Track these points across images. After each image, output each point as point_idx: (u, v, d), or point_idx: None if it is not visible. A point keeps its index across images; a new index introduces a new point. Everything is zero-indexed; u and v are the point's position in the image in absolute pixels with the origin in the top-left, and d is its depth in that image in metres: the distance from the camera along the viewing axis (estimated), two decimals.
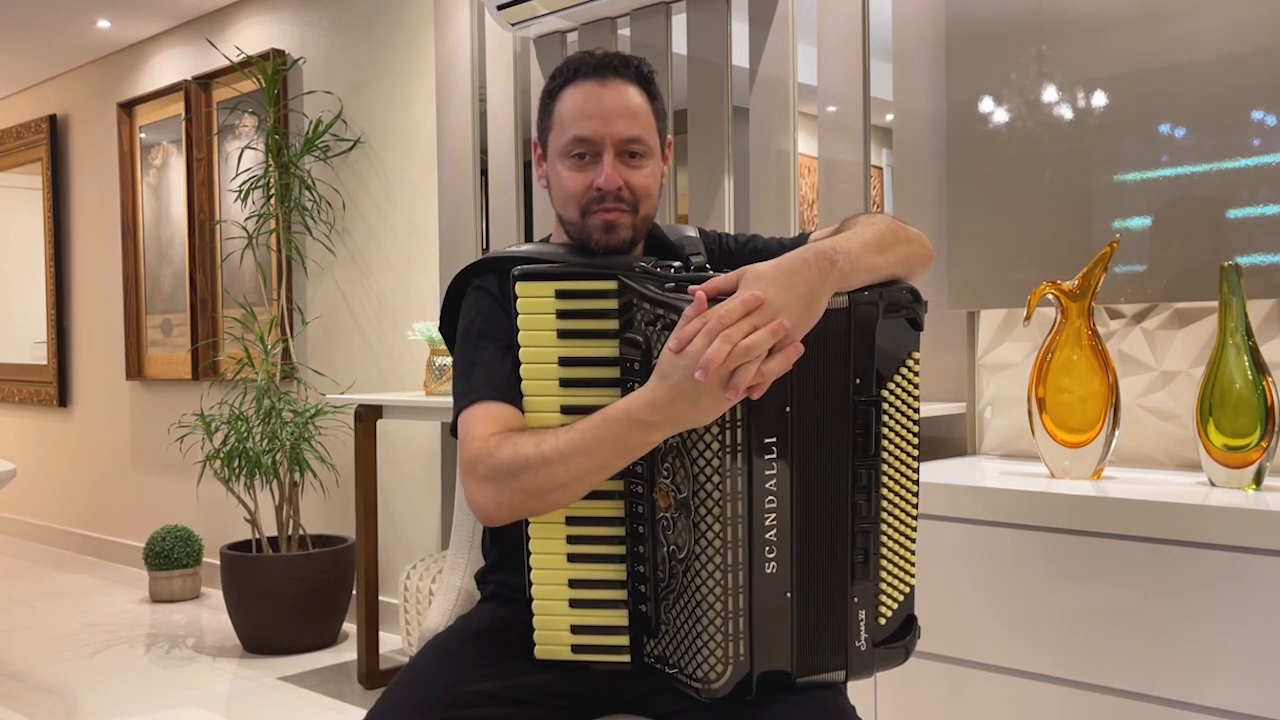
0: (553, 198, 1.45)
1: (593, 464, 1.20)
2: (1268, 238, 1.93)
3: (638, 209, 1.40)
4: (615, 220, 1.39)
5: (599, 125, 1.37)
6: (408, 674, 1.38)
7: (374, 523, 3.41)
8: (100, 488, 5.59)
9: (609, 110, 1.37)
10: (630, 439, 1.19)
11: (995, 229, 2.27)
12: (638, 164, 1.40)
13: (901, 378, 1.24)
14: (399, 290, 3.91)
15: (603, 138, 1.37)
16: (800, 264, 1.17)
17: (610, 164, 1.37)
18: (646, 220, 1.43)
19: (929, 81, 2.44)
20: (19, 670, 3.65)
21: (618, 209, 1.39)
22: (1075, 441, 1.88)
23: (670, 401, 1.15)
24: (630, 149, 1.39)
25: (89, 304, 5.63)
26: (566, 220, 1.43)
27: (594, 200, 1.38)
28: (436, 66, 3.68)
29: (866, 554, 1.24)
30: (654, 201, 1.43)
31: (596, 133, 1.37)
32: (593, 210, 1.39)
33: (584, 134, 1.38)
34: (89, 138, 5.58)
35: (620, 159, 1.38)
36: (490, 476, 1.25)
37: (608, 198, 1.38)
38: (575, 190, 1.39)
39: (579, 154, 1.39)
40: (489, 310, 1.41)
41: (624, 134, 1.38)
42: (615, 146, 1.38)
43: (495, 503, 1.26)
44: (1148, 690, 1.63)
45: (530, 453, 1.22)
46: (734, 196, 2.90)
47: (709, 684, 1.20)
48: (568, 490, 1.23)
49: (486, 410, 1.31)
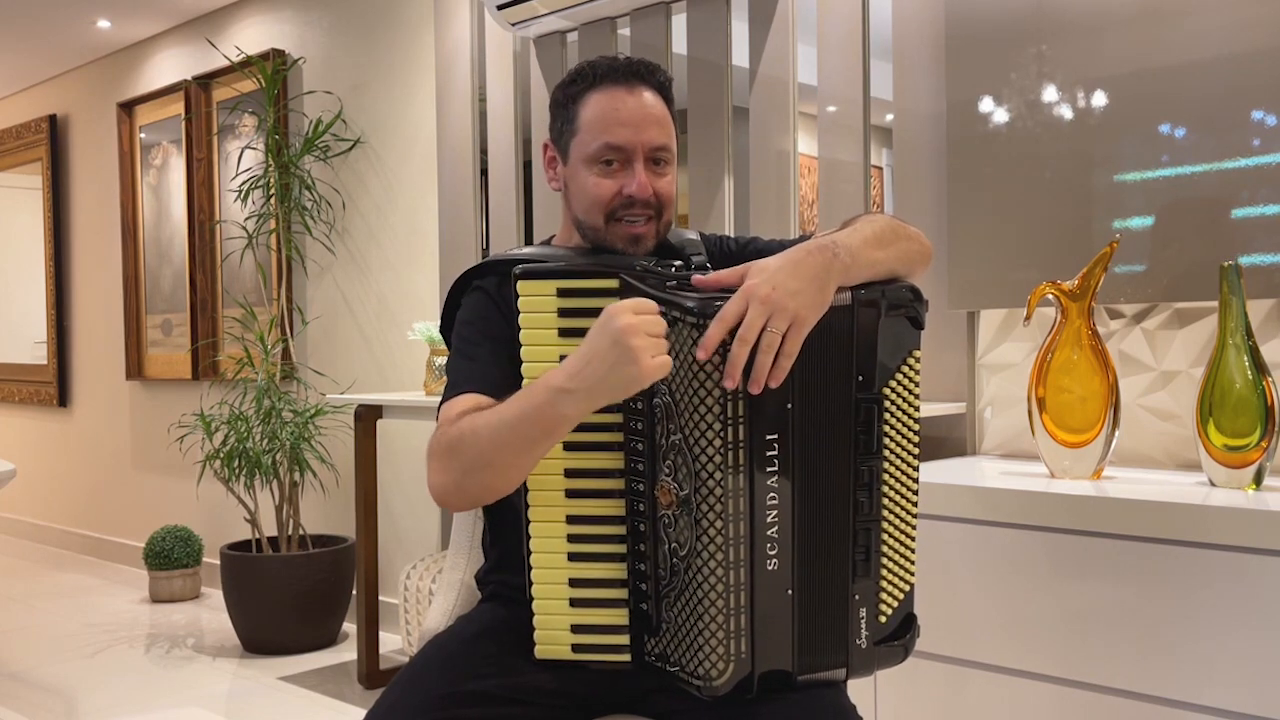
0: (571, 203, 1.45)
1: (515, 437, 1.19)
2: (1268, 238, 1.93)
3: (661, 215, 1.42)
4: (642, 233, 1.40)
5: (631, 134, 1.38)
6: (407, 674, 1.38)
7: (374, 523, 3.41)
8: (100, 488, 5.59)
9: (640, 118, 1.38)
10: (548, 409, 1.17)
11: (995, 229, 2.27)
12: (662, 171, 1.41)
13: (903, 375, 1.24)
14: (399, 290, 3.91)
15: (634, 145, 1.38)
16: (804, 255, 1.18)
17: (641, 172, 1.38)
18: (667, 227, 1.45)
19: (929, 81, 2.44)
20: (19, 670, 3.65)
21: (645, 217, 1.40)
22: (1075, 441, 1.88)
23: (586, 364, 1.15)
24: (657, 156, 1.40)
25: (89, 304, 5.63)
26: (588, 225, 1.43)
27: (622, 206, 1.39)
28: (436, 66, 3.68)
29: (867, 552, 1.24)
30: (674, 207, 1.45)
31: (629, 141, 1.38)
32: (619, 217, 1.39)
33: (617, 141, 1.38)
34: (89, 138, 5.58)
35: (648, 166, 1.40)
36: (438, 453, 1.26)
37: (637, 204, 1.38)
38: (603, 196, 1.40)
39: (608, 160, 1.39)
40: (484, 310, 1.41)
41: (654, 142, 1.39)
42: (646, 154, 1.39)
43: (441, 483, 1.26)
44: (1147, 690, 1.63)
45: (465, 427, 1.22)
46: (734, 196, 2.90)
47: (710, 681, 1.20)
48: (496, 471, 1.21)
49: (467, 398, 1.31)
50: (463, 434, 1.23)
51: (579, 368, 1.16)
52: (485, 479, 1.23)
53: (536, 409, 1.18)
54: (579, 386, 1.15)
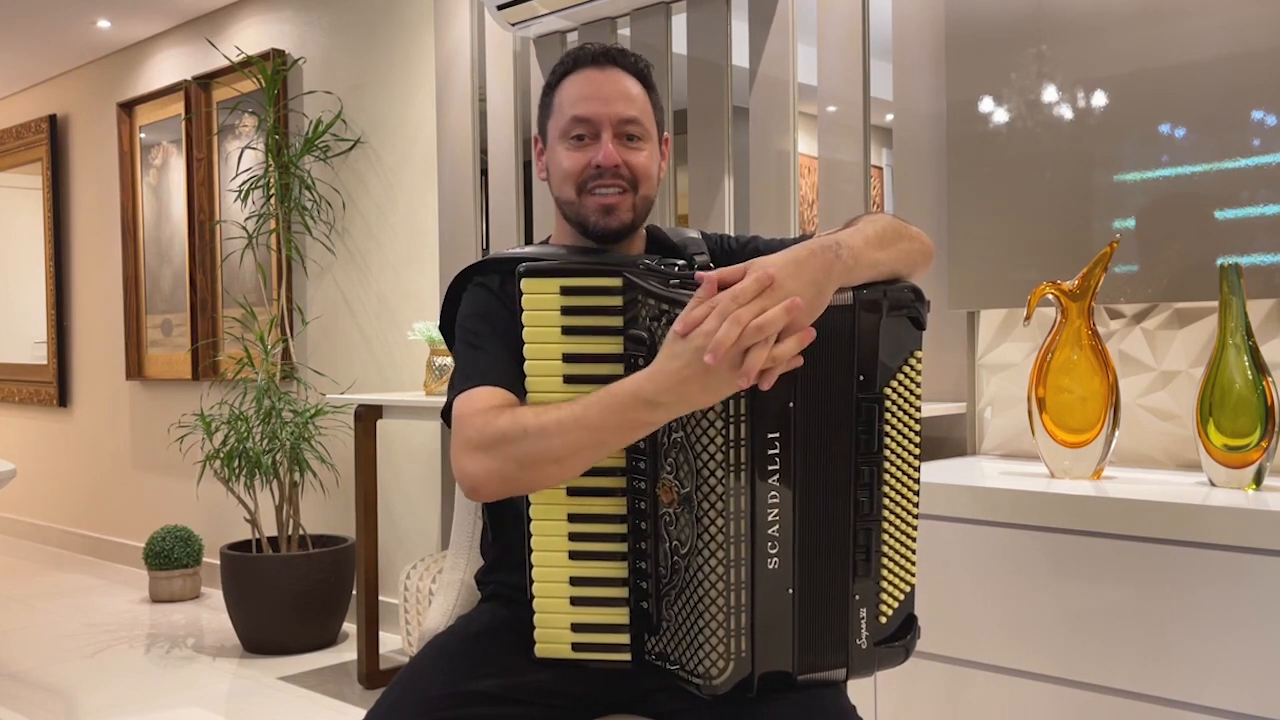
0: (551, 183, 1.47)
1: (592, 439, 1.19)
2: (1268, 238, 1.93)
3: (637, 188, 1.42)
4: (614, 203, 1.41)
5: (599, 106, 1.40)
6: (407, 674, 1.38)
7: (374, 523, 3.41)
8: (100, 488, 5.59)
9: (608, 93, 1.41)
10: (634, 418, 1.17)
11: (995, 229, 2.27)
12: (636, 145, 1.42)
13: (904, 375, 1.24)
14: (399, 290, 3.91)
15: (601, 118, 1.40)
16: (806, 254, 1.17)
17: (609, 141, 1.40)
18: (646, 202, 1.44)
19: (929, 81, 2.44)
20: (19, 670, 3.65)
21: (616, 186, 1.40)
22: (1075, 441, 1.89)
23: (680, 382, 1.14)
24: (628, 130, 1.41)
25: (89, 304, 5.63)
26: (563, 200, 1.45)
27: (592, 177, 1.40)
28: (436, 66, 3.68)
29: (868, 551, 1.24)
30: (653, 184, 1.45)
31: (596, 113, 1.40)
32: (590, 189, 1.41)
33: (583, 114, 1.40)
34: (89, 138, 5.58)
35: (619, 140, 1.41)
36: (484, 444, 1.24)
37: (605, 174, 1.40)
38: (573, 169, 1.41)
39: (578, 135, 1.41)
40: (489, 305, 1.41)
41: (622, 114, 1.41)
42: (614, 127, 1.41)
43: (485, 471, 1.24)
44: (1147, 690, 1.63)
45: (529, 422, 1.21)
46: (734, 196, 2.90)
47: (710, 680, 1.20)
48: (563, 465, 1.21)
49: (488, 391, 1.30)
50: (522, 427, 1.21)
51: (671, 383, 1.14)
52: (551, 472, 1.22)
53: (620, 417, 1.17)
54: (670, 401, 1.15)
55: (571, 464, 1.22)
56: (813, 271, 1.16)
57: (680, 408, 1.16)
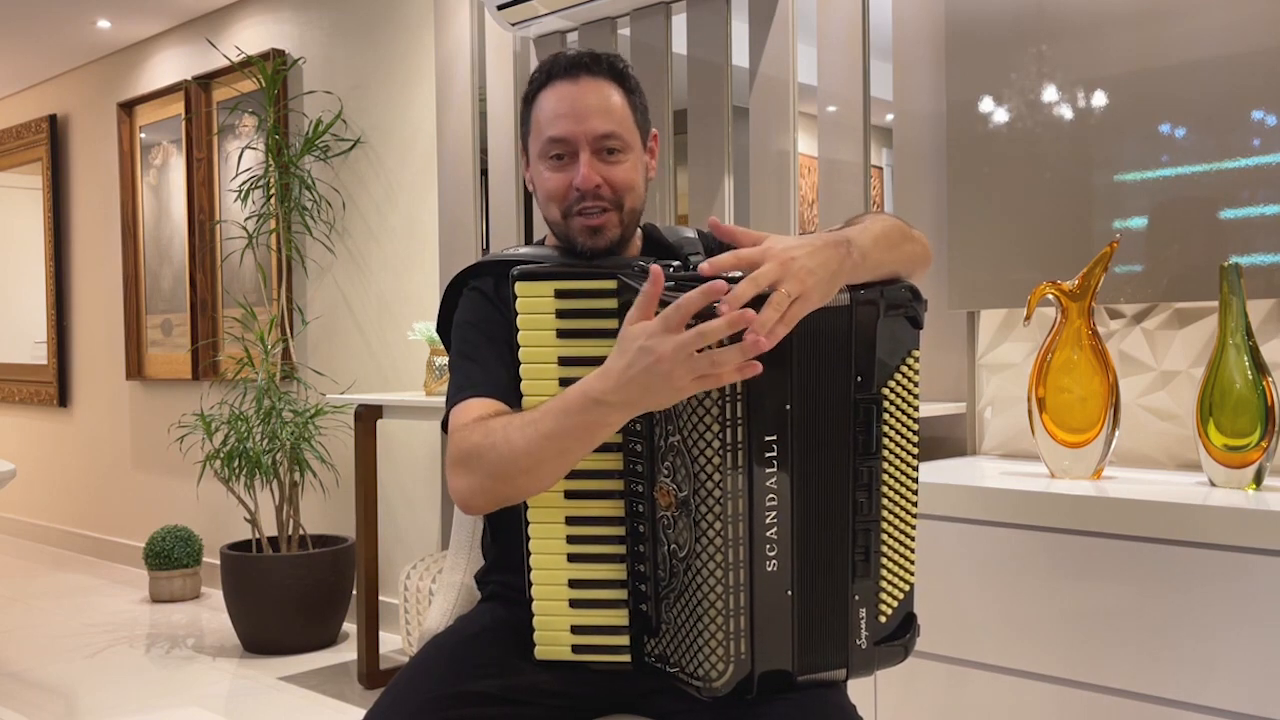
0: (537, 199, 1.45)
1: (554, 447, 1.18)
2: (1268, 238, 1.93)
3: (622, 204, 1.40)
4: (599, 224, 1.39)
5: (572, 124, 1.37)
6: (407, 674, 1.38)
7: (374, 523, 3.41)
8: (100, 488, 5.59)
9: (581, 109, 1.37)
10: (588, 419, 1.16)
11: (995, 229, 2.27)
12: (616, 160, 1.39)
13: (902, 376, 1.24)
14: (399, 290, 3.91)
15: (577, 136, 1.37)
16: (821, 244, 1.17)
17: (586, 163, 1.37)
18: (634, 214, 1.43)
19: (929, 81, 2.44)
20: (19, 670, 3.65)
21: (599, 208, 1.39)
22: (1075, 441, 1.88)
23: (627, 382, 1.12)
24: (606, 145, 1.38)
25: (89, 304, 5.63)
26: (550, 221, 1.44)
27: (575, 201, 1.39)
28: (436, 67, 3.68)
29: (867, 552, 1.24)
30: (639, 195, 1.43)
31: (570, 132, 1.37)
32: (574, 212, 1.39)
33: (558, 134, 1.38)
34: (89, 138, 5.58)
35: (597, 156, 1.38)
36: (463, 459, 1.25)
37: (587, 197, 1.38)
38: (555, 191, 1.40)
39: (556, 155, 1.39)
40: (484, 310, 1.41)
41: (597, 130, 1.37)
42: (590, 145, 1.38)
43: (468, 486, 1.25)
44: (1147, 690, 1.63)
45: (498, 435, 1.21)
46: (734, 196, 2.90)
47: (710, 682, 1.20)
48: (532, 475, 1.21)
49: (478, 402, 1.31)
50: (491, 441, 1.22)
51: (620, 382, 1.13)
52: (522, 484, 1.22)
53: (576, 421, 1.16)
54: (618, 400, 1.14)
55: (540, 474, 1.21)
56: (827, 261, 1.15)
57: (631, 409, 1.15)
